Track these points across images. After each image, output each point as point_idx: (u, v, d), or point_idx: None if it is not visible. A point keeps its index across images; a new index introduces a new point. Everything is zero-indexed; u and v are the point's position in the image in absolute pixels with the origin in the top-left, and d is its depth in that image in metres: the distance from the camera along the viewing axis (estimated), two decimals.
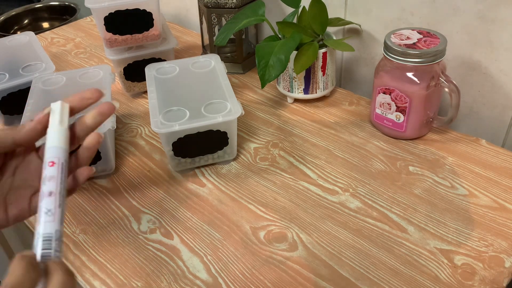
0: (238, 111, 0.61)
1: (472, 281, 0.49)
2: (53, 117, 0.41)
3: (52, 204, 0.36)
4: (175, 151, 0.63)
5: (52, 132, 0.40)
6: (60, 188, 0.37)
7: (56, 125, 0.40)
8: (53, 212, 0.36)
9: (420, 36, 0.64)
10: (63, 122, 0.41)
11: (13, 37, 0.87)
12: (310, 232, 0.56)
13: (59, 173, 0.38)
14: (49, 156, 0.38)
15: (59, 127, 0.40)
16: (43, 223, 0.35)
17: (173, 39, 0.82)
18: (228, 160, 0.67)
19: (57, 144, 0.39)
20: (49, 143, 0.39)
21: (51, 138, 0.40)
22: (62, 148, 0.39)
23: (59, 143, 0.39)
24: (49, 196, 0.36)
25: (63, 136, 0.40)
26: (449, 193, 0.60)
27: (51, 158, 0.38)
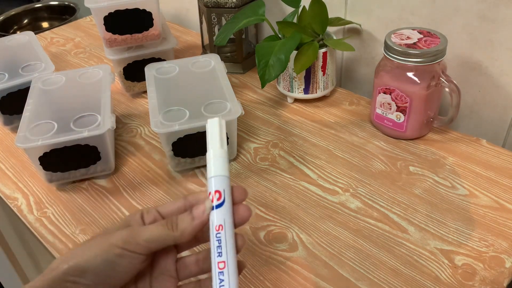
0: (238, 111, 0.61)
1: (472, 281, 0.49)
2: (212, 136, 0.39)
3: None
4: (175, 151, 0.63)
5: (214, 158, 0.38)
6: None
7: (217, 148, 0.38)
8: None
9: (420, 36, 0.64)
10: (223, 142, 0.39)
11: (12, 37, 0.87)
12: (310, 232, 0.55)
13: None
14: (212, 188, 0.37)
15: (220, 150, 0.38)
16: None
17: (173, 39, 0.82)
18: (228, 160, 0.67)
19: (222, 173, 0.38)
20: (212, 172, 0.38)
21: (215, 166, 0.38)
22: (227, 177, 0.38)
23: (223, 171, 0.38)
24: None
25: (226, 162, 0.38)
26: (449, 193, 0.59)
27: (216, 189, 0.37)
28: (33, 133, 0.60)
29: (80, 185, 0.65)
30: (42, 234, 0.58)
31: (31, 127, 0.61)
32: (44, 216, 0.60)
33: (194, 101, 0.65)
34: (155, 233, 0.36)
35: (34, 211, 0.61)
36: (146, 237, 0.36)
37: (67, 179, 0.64)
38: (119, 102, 0.83)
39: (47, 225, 0.59)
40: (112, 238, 0.35)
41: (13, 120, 0.76)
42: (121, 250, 0.35)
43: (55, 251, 0.55)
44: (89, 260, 0.34)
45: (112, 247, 0.35)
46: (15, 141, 0.59)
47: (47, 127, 0.62)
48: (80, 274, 0.34)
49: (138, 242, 0.35)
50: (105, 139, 0.62)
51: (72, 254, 0.35)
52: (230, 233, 0.37)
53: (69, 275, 0.34)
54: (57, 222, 0.59)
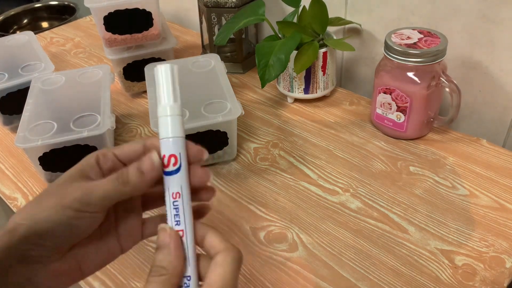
0: (238, 111, 0.61)
1: (472, 281, 0.49)
2: (163, 88, 0.34)
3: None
4: None
5: (166, 116, 0.34)
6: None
7: (170, 103, 0.34)
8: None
9: (420, 36, 0.64)
10: (177, 95, 0.34)
11: (12, 36, 0.87)
12: (310, 232, 0.55)
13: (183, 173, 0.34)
14: (166, 151, 0.34)
15: (174, 105, 0.34)
16: None
17: (173, 39, 0.82)
18: (228, 160, 0.67)
19: (176, 134, 0.34)
20: (165, 133, 0.34)
21: (169, 125, 0.34)
22: (182, 137, 0.34)
23: (178, 131, 0.34)
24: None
25: (181, 120, 0.34)
26: (449, 193, 0.59)
27: (171, 153, 0.33)
28: (32, 133, 0.60)
29: None
30: None
31: (31, 127, 0.61)
32: None
33: (194, 101, 0.65)
34: (107, 190, 0.34)
35: None
36: (99, 195, 0.34)
37: None
38: (119, 102, 0.83)
39: None
40: (65, 200, 0.34)
41: (13, 120, 0.76)
42: (75, 213, 0.34)
43: None
44: (45, 224, 0.33)
45: (65, 209, 0.33)
46: (14, 141, 0.59)
47: (46, 127, 0.62)
48: (39, 237, 0.33)
49: (91, 202, 0.34)
50: (105, 139, 0.62)
51: (28, 215, 0.34)
52: (187, 200, 0.34)
53: (29, 240, 0.33)
54: None
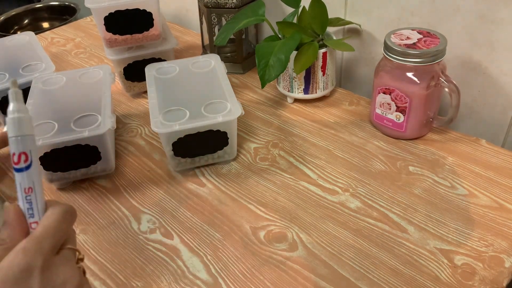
0: (238, 111, 0.61)
1: (472, 281, 0.49)
2: (9, 95, 0.37)
3: None
4: (175, 151, 0.63)
5: (13, 114, 0.36)
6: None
7: (15, 103, 0.36)
8: None
9: (420, 36, 0.64)
10: (20, 97, 0.37)
11: (13, 37, 0.87)
12: (310, 232, 0.56)
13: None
14: (16, 149, 0.36)
15: (18, 104, 0.36)
16: None
17: (173, 39, 0.82)
18: (228, 160, 0.67)
19: (25, 132, 0.36)
20: (13, 131, 0.36)
21: (17, 123, 0.36)
22: (31, 135, 0.37)
23: (26, 130, 0.36)
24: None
25: (28, 118, 0.37)
26: (449, 193, 0.59)
27: (21, 151, 0.36)
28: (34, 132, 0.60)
29: (81, 185, 0.65)
30: None
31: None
32: None
33: (194, 101, 0.65)
34: None
35: None
36: None
37: (68, 179, 0.64)
38: (120, 102, 0.83)
39: None
40: None
41: None
42: None
43: None
44: None
45: None
46: None
47: (47, 127, 0.62)
48: None
49: None
50: (105, 139, 0.62)
51: None
52: (40, 193, 0.37)
53: None
54: None
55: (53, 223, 0.35)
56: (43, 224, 0.35)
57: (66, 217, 0.37)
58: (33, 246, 0.33)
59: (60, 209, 0.37)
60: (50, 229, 0.35)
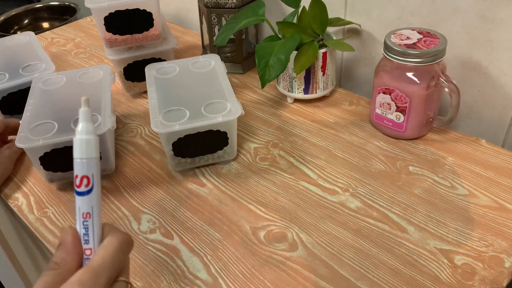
0: (238, 111, 0.61)
1: (472, 281, 0.49)
2: (79, 114, 0.36)
3: None
4: (175, 151, 0.63)
5: (80, 135, 0.35)
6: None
7: (84, 123, 0.36)
8: None
9: (420, 36, 0.64)
10: (88, 117, 0.36)
11: (13, 37, 0.87)
12: (310, 232, 0.56)
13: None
14: (79, 172, 0.35)
15: (87, 125, 0.36)
16: None
17: (173, 39, 0.82)
18: (228, 160, 0.67)
19: (89, 155, 0.35)
20: (79, 152, 0.35)
21: (83, 145, 0.35)
22: (96, 158, 0.36)
23: (91, 153, 0.35)
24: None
25: (95, 140, 0.36)
26: (449, 193, 0.59)
27: (84, 174, 0.35)
28: (33, 133, 0.61)
29: None
30: (43, 234, 0.58)
31: (32, 127, 0.61)
32: (44, 216, 0.61)
33: (194, 101, 0.65)
34: None
35: (35, 211, 0.61)
36: None
37: (68, 179, 0.64)
38: (120, 102, 0.83)
39: (48, 225, 0.59)
40: None
41: None
42: None
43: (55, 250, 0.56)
44: None
45: None
46: (15, 141, 0.59)
47: (47, 127, 0.62)
48: None
49: None
50: (105, 139, 0.62)
51: None
52: (97, 220, 0.36)
53: None
54: (58, 222, 0.60)
55: (110, 254, 0.34)
56: (101, 254, 0.34)
57: (123, 248, 0.35)
58: (90, 279, 0.32)
59: (118, 238, 0.36)
60: (107, 260, 0.34)
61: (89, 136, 0.35)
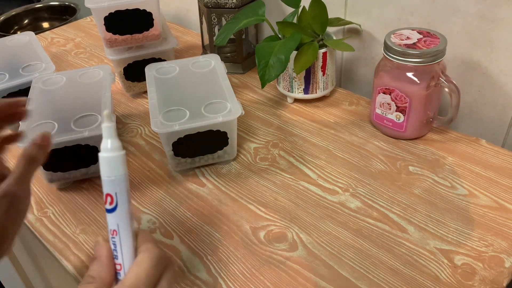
0: (238, 111, 0.61)
1: (472, 281, 0.49)
2: (103, 130, 0.35)
3: None
4: (175, 151, 0.63)
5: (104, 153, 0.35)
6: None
7: (108, 142, 0.35)
8: None
9: (420, 36, 0.64)
10: (112, 133, 0.35)
11: (13, 37, 0.87)
12: (310, 232, 0.56)
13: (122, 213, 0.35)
14: (104, 190, 0.35)
15: (113, 141, 0.35)
16: None
17: (173, 39, 0.82)
18: (228, 160, 0.67)
19: (114, 174, 0.35)
20: (103, 172, 0.35)
21: (106, 164, 0.35)
22: (120, 176, 0.35)
23: (115, 171, 0.35)
24: None
25: (121, 158, 0.35)
26: (449, 193, 0.59)
27: (107, 192, 0.35)
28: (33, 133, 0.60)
29: (81, 185, 0.65)
30: (43, 234, 0.58)
31: (32, 127, 0.61)
32: (44, 216, 0.61)
33: (194, 101, 0.65)
34: None
35: (35, 211, 0.61)
36: None
37: (68, 179, 0.64)
38: (120, 102, 0.83)
39: (48, 225, 0.59)
40: None
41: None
42: None
43: (55, 251, 0.56)
44: None
45: None
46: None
47: (47, 127, 0.62)
48: None
49: None
50: None
51: None
52: (125, 237, 0.36)
53: None
54: (58, 222, 0.60)
55: (143, 271, 0.34)
56: (134, 272, 0.34)
57: (157, 265, 0.36)
58: None
59: (152, 255, 0.36)
60: (140, 279, 0.34)
61: (113, 154, 0.35)
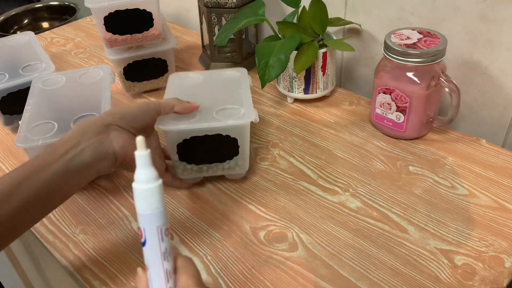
0: (251, 117, 0.57)
1: (472, 281, 0.49)
2: (137, 161, 0.34)
3: None
4: (180, 154, 0.59)
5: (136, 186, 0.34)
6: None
7: (141, 175, 0.34)
8: None
9: (420, 36, 0.64)
10: (148, 166, 0.34)
11: (13, 37, 0.87)
12: (310, 232, 0.56)
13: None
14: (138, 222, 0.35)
15: (148, 172, 0.34)
16: None
17: (173, 39, 0.82)
18: (239, 173, 0.63)
19: (145, 210, 0.34)
20: (137, 206, 0.34)
21: (138, 199, 0.34)
22: (151, 213, 0.34)
23: (146, 207, 0.34)
24: None
25: (156, 192, 0.34)
26: (449, 193, 0.59)
27: (139, 225, 0.35)
28: (33, 133, 0.60)
29: None
30: (43, 234, 0.58)
31: (32, 127, 0.61)
32: None
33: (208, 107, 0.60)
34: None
35: None
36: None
37: None
38: (120, 102, 0.83)
39: (47, 225, 0.59)
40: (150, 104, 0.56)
41: (13, 120, 0.77)
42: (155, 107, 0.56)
43: (55, 251, 0.56)
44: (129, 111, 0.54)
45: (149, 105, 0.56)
46: (15, 141, 0.59)
47: (47, 127, 0.62)
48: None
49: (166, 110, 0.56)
50: None
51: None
52: (156, 273, 0.36)
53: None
54: (58, 222, 0.60)
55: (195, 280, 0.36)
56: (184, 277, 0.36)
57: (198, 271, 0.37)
58: None
59: (193, 262, 0.38)
60: None
61: (145, 186, 0.34)
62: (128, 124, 0.52)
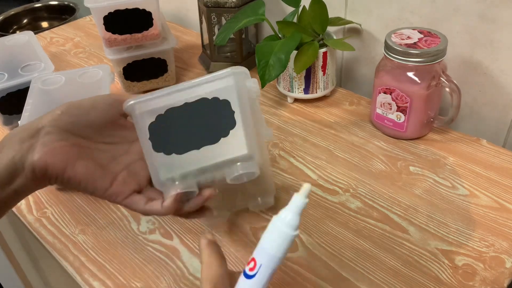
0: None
1: (473, 281, 0.49)
2: (292, 202, 0.34)
3: None
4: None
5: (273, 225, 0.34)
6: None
7: (286, 215, 0.34)
8: None
9: (420, 36, 0.64)
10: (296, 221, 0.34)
11: (12, 36, 0.86)
12: (311, 232, 0.55)
13: None
14: (255, 255, 0.34)
15: (291, 215, 0.34)
16: None
17: (173, 39, 0.82)
18: (267, 204, 0.56)
19: (272, 252, 0.34)
20: (263, 241, 0.34)
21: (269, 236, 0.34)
22: (276, 257, 0.34)
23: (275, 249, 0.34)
24: None
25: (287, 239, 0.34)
26: (449, 193, 0.59)
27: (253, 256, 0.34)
28: None
29: None
30: (42, 234, 0.58)
31: None
32: (43, 216, 0.60)
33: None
34: None
35: (34, 211, 0.61)
36: None
37: None
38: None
39: (47, 225, 0.59)
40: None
41: (13, 120, 0.76)
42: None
43: (54, 251, 0.55)
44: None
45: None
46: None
47: None
48: None
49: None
50: None
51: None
52: None
53: None
54: (57, 222, 0.59)
55: None
56: None
57: None
58: None
59: None
60: None
61: (288, 231, 0.34)
62: (70, 122, 0.41)
